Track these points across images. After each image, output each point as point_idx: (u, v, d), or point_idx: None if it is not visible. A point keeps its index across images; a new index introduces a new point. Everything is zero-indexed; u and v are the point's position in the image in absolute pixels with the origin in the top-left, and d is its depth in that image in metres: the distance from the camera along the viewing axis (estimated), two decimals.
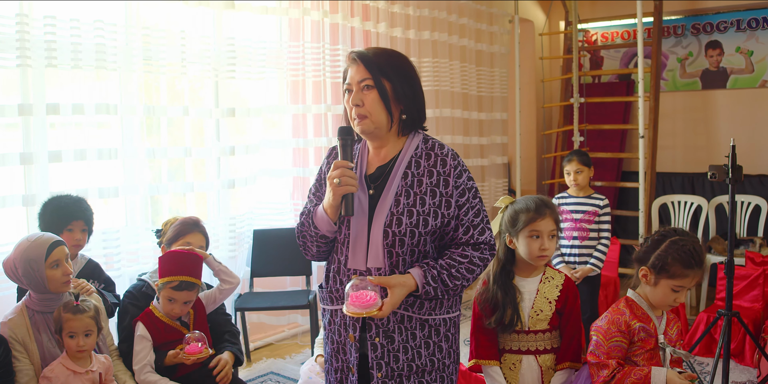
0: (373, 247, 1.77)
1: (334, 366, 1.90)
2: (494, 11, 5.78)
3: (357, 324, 1.82)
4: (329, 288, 1.89)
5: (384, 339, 1.79)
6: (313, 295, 3.79)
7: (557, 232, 2.27)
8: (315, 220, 1.80)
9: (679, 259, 2.05)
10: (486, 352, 2.25)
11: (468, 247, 1.82)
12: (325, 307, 1.92)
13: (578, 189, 3.71)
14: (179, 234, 2.67)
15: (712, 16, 5.87)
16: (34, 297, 2.19)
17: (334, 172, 1.71)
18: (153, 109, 3.42)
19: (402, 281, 1.72)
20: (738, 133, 5.29)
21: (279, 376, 3.71)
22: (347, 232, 1.81)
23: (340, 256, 1.84)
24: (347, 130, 1.77)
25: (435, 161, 1.81)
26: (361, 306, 1.66)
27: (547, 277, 2.28)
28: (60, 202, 2.56)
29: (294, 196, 4.28)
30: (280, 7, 3.99)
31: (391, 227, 1.75)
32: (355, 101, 1.75)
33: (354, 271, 1.80)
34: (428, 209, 1.77)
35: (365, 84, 1.75)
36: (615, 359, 2.07)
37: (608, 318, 2.14)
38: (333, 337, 1.89)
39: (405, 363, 1.80)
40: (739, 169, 3.21)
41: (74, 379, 2.10)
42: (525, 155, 6.37)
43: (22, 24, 2.84)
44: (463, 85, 5.37)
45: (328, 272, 1.90)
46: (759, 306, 4.03)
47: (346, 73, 1.81)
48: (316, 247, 1.86)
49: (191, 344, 2.32)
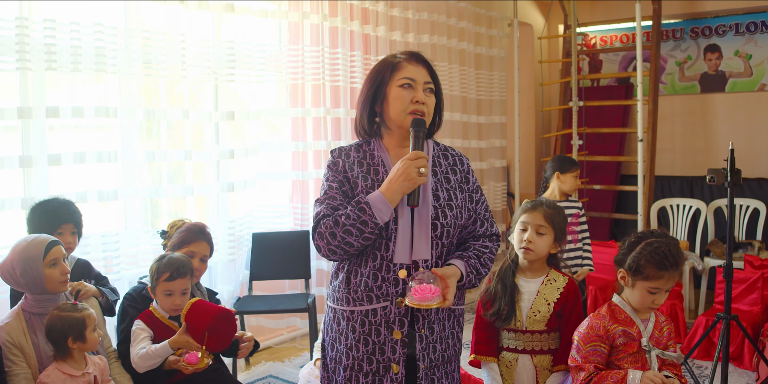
0: (419, 240, 1.82)
1: (365, 370, 1.85)
2: (493, 15, 5.79)
3: (405, 319, 1.83)
4: (366, 287, 1.83)
5: (428, 330, 1.85)
6: (312, 298, 3.78)
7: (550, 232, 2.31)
8: (374, 210, 1.75)
9: (653, 260, 2.07)
10: (485, 348, 2.33)
11: (486, 239, 1.97)
12: (357, 309, 1.85)
13: (560, 195, 3.71)
14: (184, 241, 2.65)
15: (711, 20, 5.88)
16: (30, 299, 2.19)
17: (416, 160, 1.75)
18: (152, 112, 3.42)
19: (454, 271, 1.83)
20: (737, 137, 5.30)
21: (278, 379, 3.71)
22: (394, 226, 1.82)
23: (385, 252, 1.82)
24: (422, 123, 1.84)
25: (453, 160, 1.99)
26: (427, 298, 1.73)
27: (549, 280, 2.33)
28: (48, 205, 2.54)
29: (293, 199, 4.28)
30: (280, 10, 4.00)
31: (439, 219, 1.85)
32: (423, 99, 1.85)
33: (400, 266, 1.82)
34: (461, 203, 1.91)
35: (429, 87, 1.89)
36: (593, 363, 2.09)
37: (588, 323, 2.17)
38: (368, 338, 1.84)
39: (440, 353, 1.89)
40: (737, 173, 3.22)
41: (70, 382, 2.09)
42: (524, 158, 6.37)
43: (22, 27, 2.84)
44: (462, 89, 5.38)
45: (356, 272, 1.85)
46: (757, 309, 4.03)
47: (397, 68, 1.88)
48: (362, 241, 1.77)
49: (191, 353, 2.31)
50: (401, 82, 1.86)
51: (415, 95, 1.85)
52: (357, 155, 1.93)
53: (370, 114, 1.92)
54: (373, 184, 1.86)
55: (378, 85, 1.89)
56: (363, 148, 1.95)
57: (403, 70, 1.87)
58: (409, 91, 1.85)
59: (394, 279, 1.82)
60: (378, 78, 1.90)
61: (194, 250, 2.64)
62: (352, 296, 1.86)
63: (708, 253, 5.10)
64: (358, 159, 1.92)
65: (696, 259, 4.96)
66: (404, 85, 1.86)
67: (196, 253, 2.63)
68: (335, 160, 1.93)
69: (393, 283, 1.82)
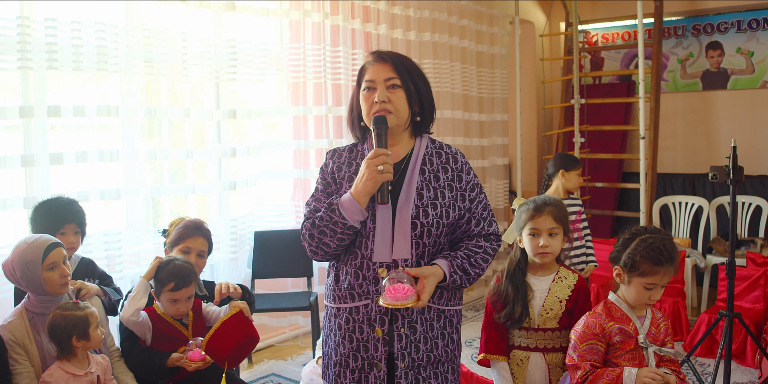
0: (399, 239, 1.82)
1: (351, 366, 1.89)
2: (495, 13, 5.78)
3: (386, 317, 1.84)
4: (348, 285, 1.88)
5: (408, 330, 1.85)
6: (314, 296, 3.79)
7: (561, 231, 2.30)
8: (343, 211, 1.78)
9: (648, 256, 2.07)
10: (495, 347, 2.31)
11: (480, 239, 1.93)
12: (342, 306, 1.90)
13: (563, 192, 3.70)
14: (180, 238, 2.65)
15: (713, 17, 5.87)
16: (33, 299, 2.20)
17: (376, 159, 1.75)
18: (154, 111, 3.42)
19: (433, 271, 1.81)
20: (739, 134, 5.30)
21: (280, 377, 3.71)
22: (372, 225, 1.83)
23: (365, 250, 1.84)
24: (382, 119, 1.82)
25: (447, 159, 1.95)
26: (399, 298, 1.72)
27: (560, 277, 2.32)
28: (51, 205, 2.53)
29: (295, 197, 4.28)
30: (281, 8, 3.99)
31: (419, 218, 1.83)
32: (381, 98, 1.83)
33: (380, 264, 1.83)
34: (448, 202, 1.88)
35: (392, 83, 1.86)
36: (590, 362, 2.09)
37: (585, 321, 2.17)
38: (352, 335, 1.88)
39: (424, 354, 1.88)
40: (740, 170, 3.21)
41: (73, 382, 2.10)
42: (526, 156, 6.37)
43: (23, 26, 2.84)
44: (464, 87, 5.38)
45: (343, 270, 1.90)
46: (760, 307, 4.02)
47: (364, 71, 1.90)
48: (336, 242, 1.82)
49: (194, 351, 2.32)
50: (365, 86, 1.88)
51: (375, 96, 1.85)
52: (349, 156, 1.95)
53: (358, 118, 1.95)
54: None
55: (356, 90, 1.93)
56: (357, 148, 1.97)
57: (366, 73, 1.89)
58: (371, 93, 1.86)
59: (374, 277, 1.84)
60: (357, 84, 1.93)
61: (190, 246, 2.64)
62: (338, 294, 1.91)
63: (710, 250, 5.10)
64: (349, 159, 1.94)
65: (698, 256, 4.95)
66: (366, 88, 1.88)
67: (192, 248, 2.64)
68: (327, 161, 1.97)
69: (373, 282, 1.84)
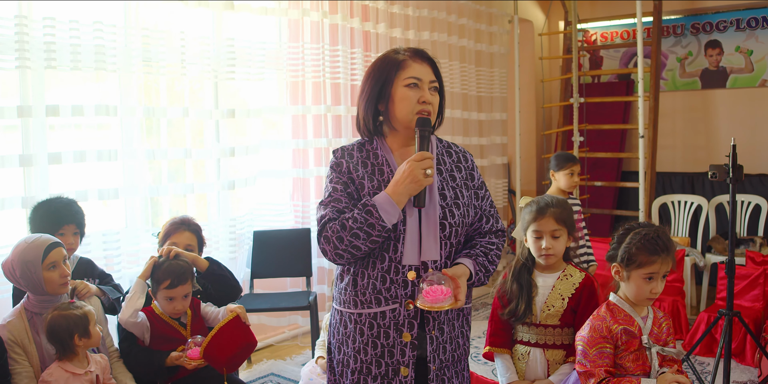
0: (429, 240, 1.79)
1: (373, 373, 1.81)
2: (493, 11, 5.78)
3: (415, 321, 1.79)
4: (373, 289, 1.79)
5: (437, 331, 1.83)
6: (313, 296, 3.78)
7: (564, 232, 2.32)
8: (381, 212, 1.71)
9: (644, 247, 2.06)
10: (499, 340, 2.37)
11: (492, 236, 1.93)
12: (365, 311, 1.81)
13: (559, 192, 3.70)
14: (166, 234, 2.68)
15: (712, 16, 5.87)
16: (32, 299, 2.19)
17: (422, 162, 1.72)
18: (153, 110, 3.41)
19: (463, 271, 1.80)
20: (738, 133, 5.30)
21: (279, 377, 3.71)
22: (403, 227, 1.78)
23: (393, 253, 1.78)
24: (428, 122, 1.79)
25: (457, 157, 1.94)
26: (438, 299, 1.70)
27: (566, 275, 2.35)
28: (50, 206, 2.50)
29: (294, 197, 4.28)
30: (280, 7, 3.99)
31: (447, 219, 1.82)
32: (429, 99, 1.82)
33: (409, 267, 1.79)
34: (467, 201, 1.88)
35: (434, 85, 1.85)
36: (603, 367, 2.05)
37: (590, 325, 2.13)
38: (377, 341, 1.80)
39: (450, 353, 1.87)
40: (739, 169, 3.21)
41: (73, 381, 2.09)
42: (525, 155, 6.37)
43: (21, 25, 2.83)
44: (463, 86, 5.37)
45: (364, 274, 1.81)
46: (760, 305, 4.02)
47: (401, 66, 1.82)
48: (369, 244, 1.73)
49: (193, 349, 2.32)
50: (407, 82, 1.81)
51: (422, 95, 1.80)
52: (360, 155, 1.87)
53: (374, 113, 1.86)
54: (379, 184, 1.81)
55: (383, 83, 1.83)
56: (366, 147, 1.89)
57: (408, 69, 1.81)
58: (416, 90, 1.80)
59: (403, 281, 1.78)
60: (382, 76, 1.83)
61: (176, 241, 2.65)
62: (360, 299, 1.81)
63: (709, 249, 5.10)
64: (362, 159, 1.86)
65: (697, 255, 4.95)
66: (410, 84, 1.80)
67: (177, 243, 2.63)
68: (338, 160, 1.87)
69: (402, 285, 1.78)
